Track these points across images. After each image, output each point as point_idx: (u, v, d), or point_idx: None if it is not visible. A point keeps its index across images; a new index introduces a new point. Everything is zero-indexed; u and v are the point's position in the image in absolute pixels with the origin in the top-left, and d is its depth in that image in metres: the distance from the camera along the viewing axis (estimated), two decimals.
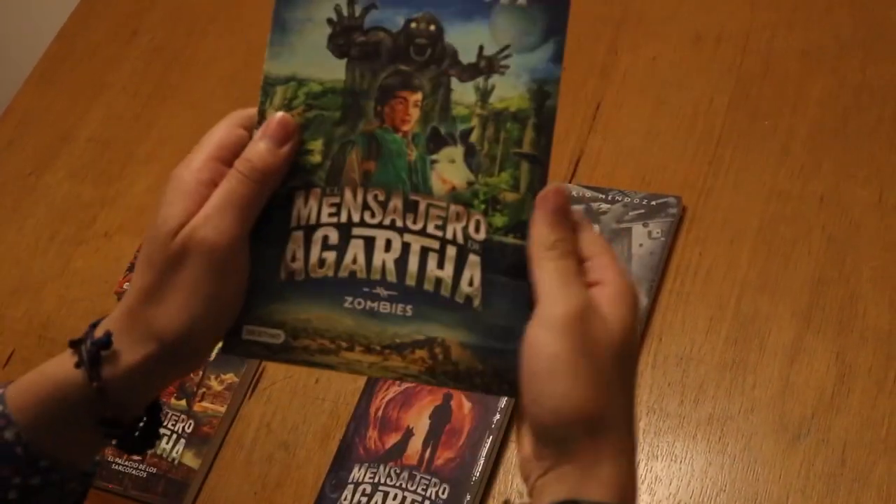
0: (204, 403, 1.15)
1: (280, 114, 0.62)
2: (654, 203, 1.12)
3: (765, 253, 1.09)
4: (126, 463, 1.13)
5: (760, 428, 0.99)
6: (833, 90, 1.19)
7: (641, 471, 1.00)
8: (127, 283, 1.31)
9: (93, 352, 0.60)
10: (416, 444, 1.05)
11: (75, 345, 0.62)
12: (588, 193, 1.15)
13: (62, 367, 0.62)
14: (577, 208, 0.64)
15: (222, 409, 1.15)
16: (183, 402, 1.15)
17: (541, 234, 0.59)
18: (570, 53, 1.34)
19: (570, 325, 0.56)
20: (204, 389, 1.16)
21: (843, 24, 1.23)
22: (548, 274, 0.58)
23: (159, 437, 0.67)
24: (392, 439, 1.07)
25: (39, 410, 0.62)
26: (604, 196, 1.15)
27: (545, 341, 0.56)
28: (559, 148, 1.22)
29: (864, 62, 1.20)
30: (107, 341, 0.60)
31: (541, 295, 0.58)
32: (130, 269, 1.32)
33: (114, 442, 0.64)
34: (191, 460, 1.12)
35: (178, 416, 1.15)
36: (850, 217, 1.09)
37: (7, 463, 0.62)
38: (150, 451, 1.10)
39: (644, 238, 1.10)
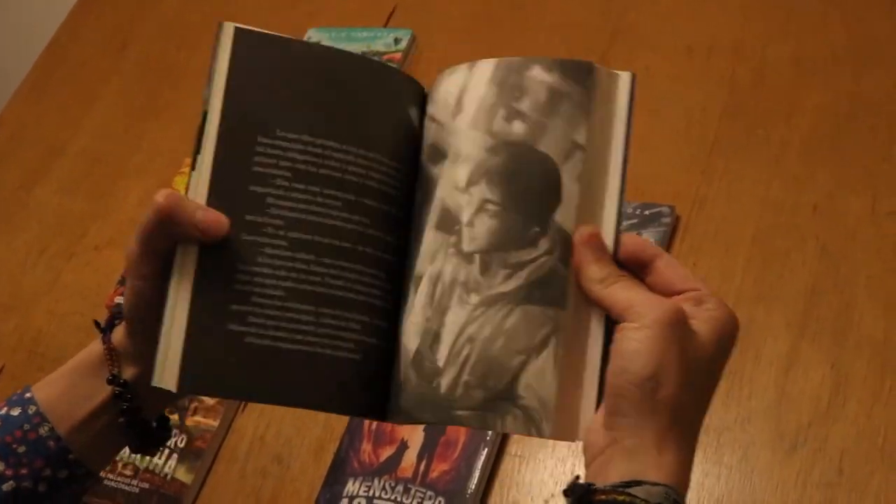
0: (196, 417, 1.14)
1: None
2: (647, 213, 1.12)
3: (759, 263, 1.09)
4: (118, 479, 1.12)
5: (757, 438, 0.99)
6: (826, 100, 1.19)
7: None
8: (118, 297, 1.30)
9: (108, 320, 0.71)
10: (410, 457, 1.05)
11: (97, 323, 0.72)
12: None
13: (82, 353, 0.71)
14: (648, 241, 0.65)
15: (215, 423, 1.14)
16: (175, 417, 1.14)
17: (592, 272, 0.62)
18: None
19: (664, 324, 0.59)
20: (196, 403, 1.15)
21: (836, 35, 1.24)
22: (621, 294, 0.61)
23: (165, 442, 0.73)
24: (386, 452, 1.06)
25: (66, 400, 0.70)
26: None
27: (639, 337, 0.59)
28: None
29: (856, 72, 1.20)
30: (120, 314, 0.70)
31: (625, 310, 0.60)
32: (121, 282, 1.32)
33: (121, 420, 0.70)
34: (183, 475, 1.11)
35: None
36: (844, 226, 1.09)
37: (41, 455, 0.68)
38: (142, 467, 1.10)
39: None
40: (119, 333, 0.70)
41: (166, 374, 0.63)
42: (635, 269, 0.64)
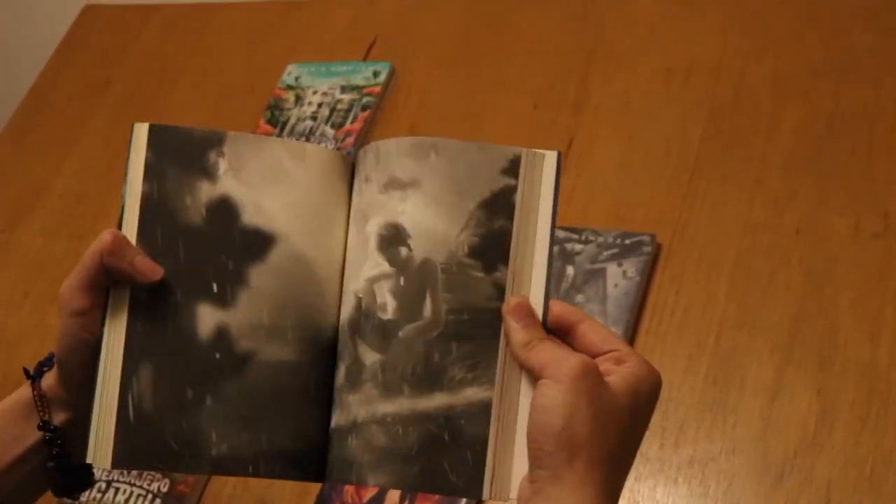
0: None
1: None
2: (628, 242, 1.11)
3: (742, 288, 1.07)
4: None
5: (742, 469, 0.97)
6: (806, 118, 1.17)
7: None
8: None
9: (37, 367, 0.71)
10: (393, 497, 1.03)
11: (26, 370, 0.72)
12: (561, 234, 1.13)
13: (9, 398, 0.72)
14: (574, 307, 0.69)
15: None
16: None
17: (518, 337, 0.66)
18: (541, 89, 1.34)
19: (574, 377, 0.62)
20: None
21: (814, 51, 1.22)
22: (538, 355, 0.64)
23: (90, 486, 0.73)
24: (369, 492, 1.04)
25: None
26: (577, 236, 1.13)
27: (551, 392, 0.62)
28: None
29: (836, 88, 1.19)
30: (49, 361, 0.71)
31: (542, 369, 0.64)
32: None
33: (51, 465, 0.70)
34: None
35: (153, 476, 1.13)
36: (827, 248, 1.08)
37: None
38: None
39: (619, 278, 1.08)
40: (49, 379, 0.71)
41: (100, 452, 0.64)
42: (561, 334, 0.67)
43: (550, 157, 0.68)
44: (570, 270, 1.10)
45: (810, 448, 0.96)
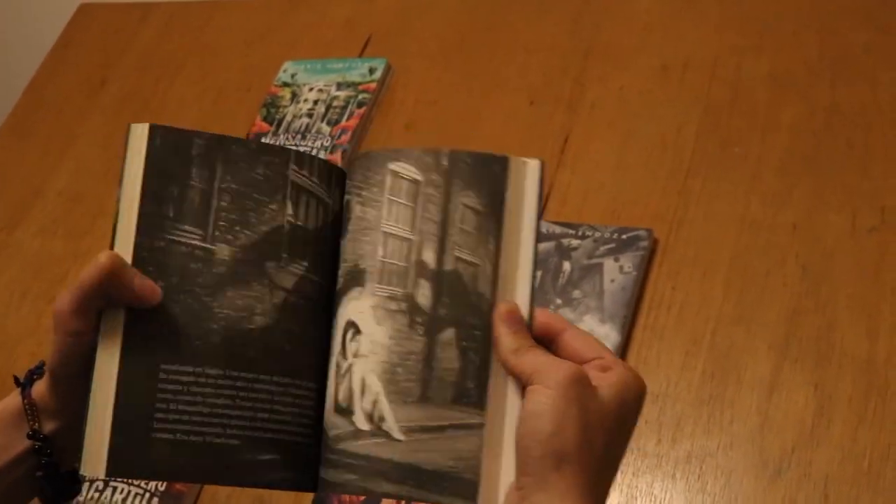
0: None
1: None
2: (624, 237, 1.11)
3: (739, 284, 1.07)
4: None
5: (740, 464, 0.97)
6: (803, 115, 1.18)
7: None
8: None
9: (27, 375, 0.72)
10: None
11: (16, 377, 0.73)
12: (558, 230, 1.14)
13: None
14: (558, 315, 0.70)
15: None
16: None
17: (507, 343, 0.66)
18: (537, 87, 1.34)
19: (565, 385, 0.62)
20: None
21: (811, 48, 1.22)
22: (529, 360, 0.64)
23: (77, 494, 0.73)
24: None
25: None
26: (574, 232, 1.13)
27: (542, 398, 0.62)
28: None
29: (832, 86, 1.19)
30: (39, 369, 0.71)
31: (532, 375, 0.64)
32: None
33: (39, 474, 0.71)
34: None
35: None
36: (823, 244, 1.08)
37: None
38: None
39: (615, 273, 1.08)
40: (39, 388, 0.71)
41: (94, 461, 0.64)
42: (546, 341, 0.67)
43: (534, 165, 0.69)
44: (566, 266, 1.10)
45: (808, 443, 0.96)
